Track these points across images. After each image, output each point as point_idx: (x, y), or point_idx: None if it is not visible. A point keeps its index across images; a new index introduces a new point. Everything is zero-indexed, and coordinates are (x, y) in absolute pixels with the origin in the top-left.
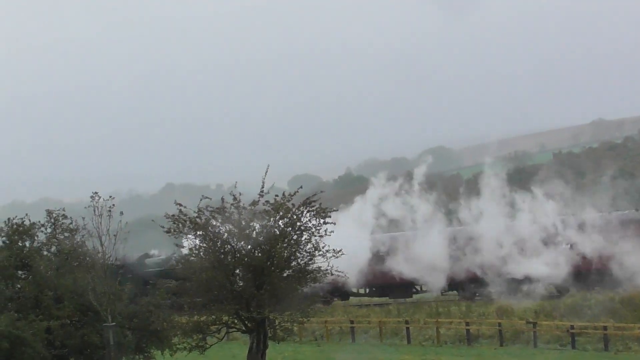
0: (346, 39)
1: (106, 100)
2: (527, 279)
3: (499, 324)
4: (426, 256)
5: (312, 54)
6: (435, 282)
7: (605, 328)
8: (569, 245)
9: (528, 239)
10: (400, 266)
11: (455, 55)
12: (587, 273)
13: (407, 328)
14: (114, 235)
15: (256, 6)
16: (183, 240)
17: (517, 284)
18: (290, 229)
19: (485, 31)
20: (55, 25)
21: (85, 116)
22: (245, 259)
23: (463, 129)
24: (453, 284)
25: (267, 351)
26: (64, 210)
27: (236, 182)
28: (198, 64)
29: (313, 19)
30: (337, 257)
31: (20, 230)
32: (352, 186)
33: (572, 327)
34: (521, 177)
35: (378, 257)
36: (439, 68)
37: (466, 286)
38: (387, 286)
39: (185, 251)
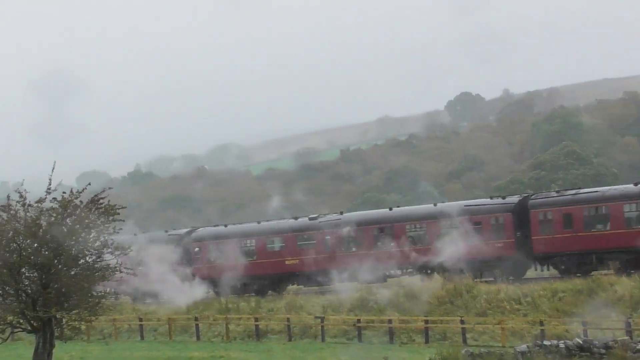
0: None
1: None
2: None
3: (288, 319)
4: None
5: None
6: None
7: (390, 321)
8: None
9: None
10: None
11: (252, 49)
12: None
13: (197, 325)
14: None
15: None
16: None
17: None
18: (78, 226)
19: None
20: None
21: None
22: (32, 257)
23: (253, 125)
24: None
25: (53, 351)
26: None
27: (23, 179)
28: None
29: None
30: (125, 254)
31: None
32: (141, 182)
33: (358, 321)
34: (310, 173)
35: None
36: (231, 64)
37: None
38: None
39: None
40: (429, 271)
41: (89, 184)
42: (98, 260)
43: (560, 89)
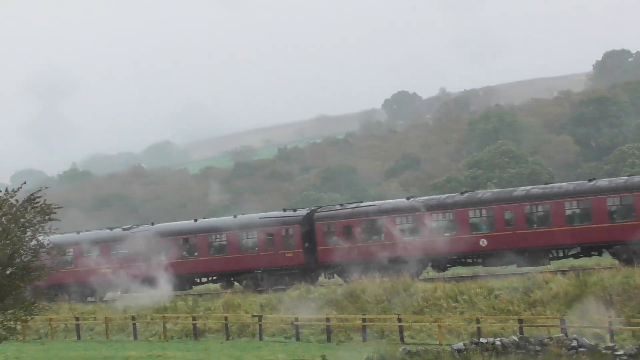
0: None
1: None
2: None
3: (225, 318)
4: None
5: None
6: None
7: (328, 320)
8: None
9: None
10: None
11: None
12: None
13: (134, 324)
14: None
15: None
16: None
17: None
18: (13, 225)
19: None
20: None
21: None
22: None
23: (189, 123)
24: None
25: None
26: None
27: None
28: None
29: None
30: (63, 255)
31: None
32: (77, 181)
33: (296, 319)
34: (247, 171)
35: None
36: (166, 62)
37: None
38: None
39: None
40: (231, 279)
41: (25, 182)
42: (34, 259)
43: (496, 88)
